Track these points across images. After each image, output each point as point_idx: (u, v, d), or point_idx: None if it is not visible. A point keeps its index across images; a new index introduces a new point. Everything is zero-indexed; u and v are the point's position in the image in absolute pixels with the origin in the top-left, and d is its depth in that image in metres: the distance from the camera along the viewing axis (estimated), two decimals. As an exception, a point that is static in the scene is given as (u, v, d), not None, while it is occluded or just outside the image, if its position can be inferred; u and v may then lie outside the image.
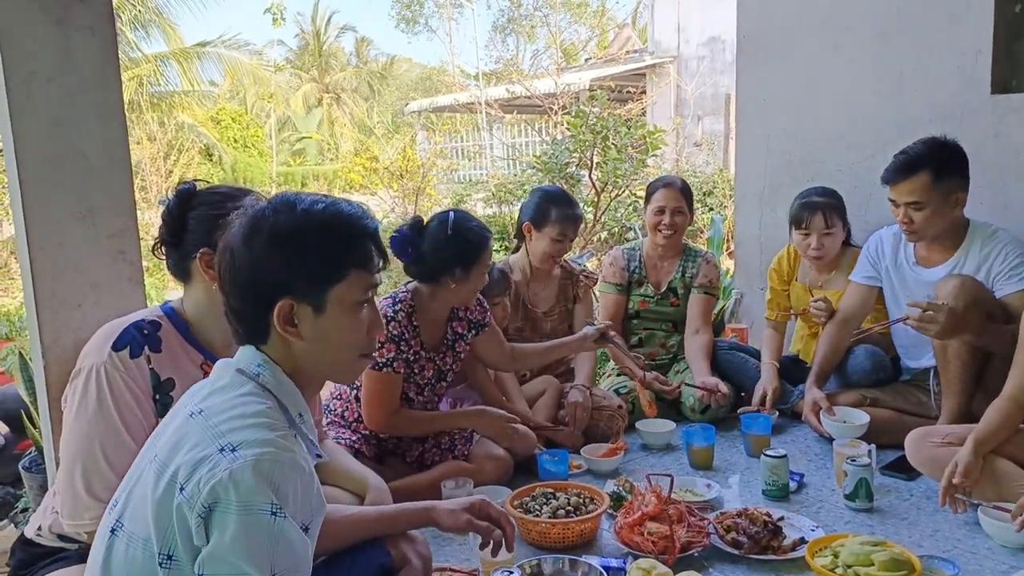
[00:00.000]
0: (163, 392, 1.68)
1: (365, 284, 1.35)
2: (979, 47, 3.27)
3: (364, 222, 1.36)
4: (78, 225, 2.23)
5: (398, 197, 9.61)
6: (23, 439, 3.37)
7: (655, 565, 2.04)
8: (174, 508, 1.16)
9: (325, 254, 1.31)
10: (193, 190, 1.74)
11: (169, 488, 1.17)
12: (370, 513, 1.74)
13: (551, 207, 3.24)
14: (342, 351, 1.37)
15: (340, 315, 1.33)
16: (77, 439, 1.61)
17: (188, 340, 1.75)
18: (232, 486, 1.14)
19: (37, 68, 2.13)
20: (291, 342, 1.32)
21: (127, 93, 12.79)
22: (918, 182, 2.74)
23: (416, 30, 25.09)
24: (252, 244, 1.29)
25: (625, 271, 3.67)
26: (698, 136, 13.36)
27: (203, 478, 1.14)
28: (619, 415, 3.19)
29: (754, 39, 4.06)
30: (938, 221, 2.79)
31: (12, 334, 6.46)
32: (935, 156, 2.76)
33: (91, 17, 2.22)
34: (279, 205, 1.32)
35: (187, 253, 1.71)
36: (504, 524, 1.71)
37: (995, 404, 2.45)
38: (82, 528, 1.62)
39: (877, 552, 2.02)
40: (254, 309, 1.31)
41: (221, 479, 1.14)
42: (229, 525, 1.13)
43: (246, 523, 1.14)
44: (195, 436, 1.21)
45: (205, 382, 1.37)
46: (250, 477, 1.15)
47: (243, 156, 20.87)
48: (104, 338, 1.66)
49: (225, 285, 1.34)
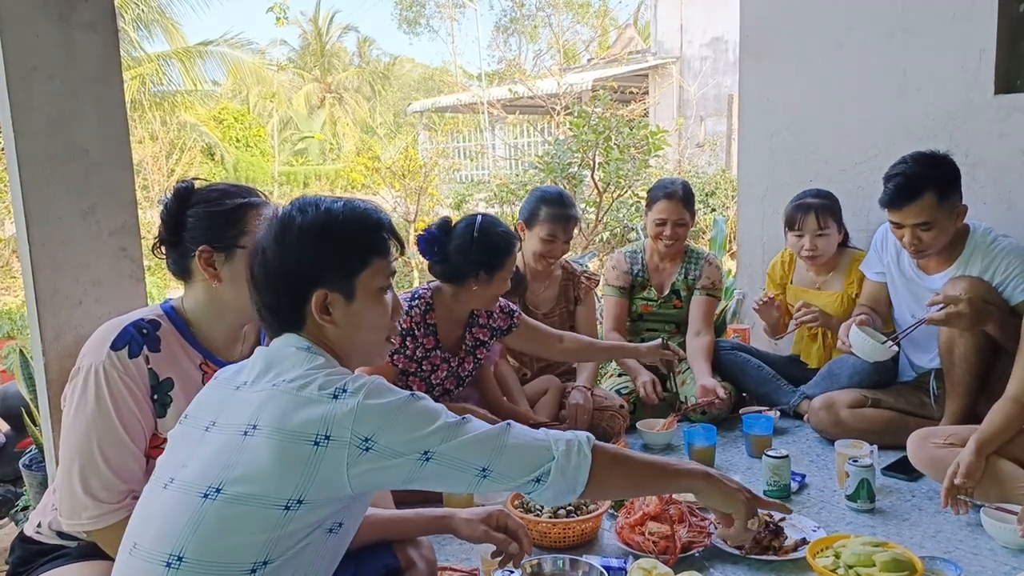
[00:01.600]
0: (162, 392, 1.67)
1: (386, 270, 1.49)
2: (983, 47, 3.26)
3: (379, 215, 1.50)
4: (79, 222, 2.23)
5: (400, 197, 9.60)
6: (24, 437, 3.38)
7: (656, 565, 2.04)
8: (318, 460, 1.24)
9: (351, 245, 1.44)
10: (191, 188, 1.73)
11: (298, 446, 1.24)
12: (385, 515, 1.75)
13: (541, 206, 3.23)
14: (371, 333, 1.50)
15: (367, 300, 1.46)
16: (76, 438, 1.61)
17: (187, 339, 1.74)
18: (368, 411, 1.27)
19: (39, 64, 2.13)
20: (325, 329, 1.43)
21: (130, 92, 12.78)
22: (925, 204, 2.68)
23: (418, 31, 25.12)
24: (284, 242, 1.41)
25: (628, 274, 3.66)
26: (701, 137, 13.35)
27: (341, 421, 1.25)
28: (620, 415, 3.18)
29: (757, 39, 4.05)
30: (944, 237, 2.77)
31: (14, 332, 6.47)
32: (936, 175, 2.71)
33: (93, 14, 2.23)
34: (303, 206, 1.45)
35: (186, 251, 1.70)
36: (521, 536, 1.75)
37: (998, 405, 2.44)
38: (80, 527, 1.62)
39: (879, 553, 2.01)
40: (290, 301, 1.42)
41: (359, 413, 1.26)
42: (396, 423, 1.28)
43: (405, 413, 1.29)
44: (297, 400, 1.28)
45: (244, 364, 1.43)
46: (375, 397, 1.29)
47: (245, 155, 20.86)
48: (103, 337, 1.65)
49: (259, 283, 1.44)
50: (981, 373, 2.74)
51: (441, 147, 13.58)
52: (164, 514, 1.29)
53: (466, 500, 2.43)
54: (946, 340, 2.78)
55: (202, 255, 1.68)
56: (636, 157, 8.07)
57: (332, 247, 1.42)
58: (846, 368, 3.21)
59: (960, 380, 2.77)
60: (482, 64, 20.25)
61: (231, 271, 1.69)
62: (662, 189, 3.56)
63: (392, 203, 9.72)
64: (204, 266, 1.68)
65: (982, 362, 2.73)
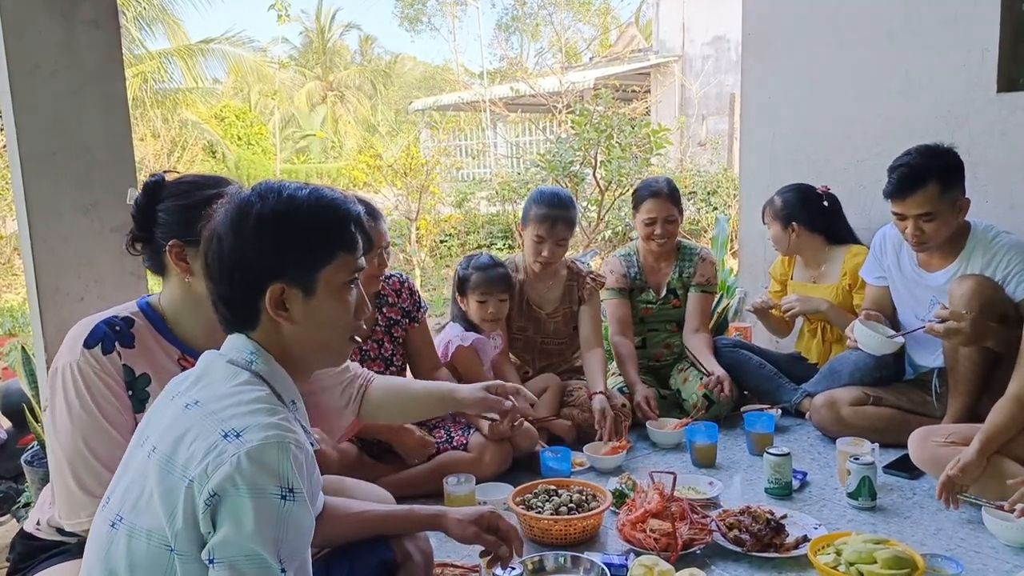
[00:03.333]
0: (138, 387, 1.66)
1: (352, 267, 1.38)
2: (985, 45, 3.25)
3: (348, 207, 1.39)
4: (81, 219, 2.23)
5: (402, 195, 9.61)
6: (26, 433, 3.38)
7: (657, 562, 2.04)
8: (181, 495, 1.16)
9: (313, 238, 1.33)
10: (161, 182, 1.70)
11: (177, 479, 1.17)
12: (378, 512, 1.74)
13: (532, 207, 3.22)
14: (332, 332, 1.39)
15: (329, 297, 1.35)
16: (63, 439, 1.60)
17: (164, 335, 1.72)
18: (239, 472, 1.13)
19: (41, 61, 2.14)
20: (282, 326, 1.34)
21: (131, 90, 12.77)
22: (928, 194, 2.69)
23: (419, 29, 25.12)
24: (240, 230, 1.30)
25: (625, 277, 3.64)
26: (702, 136, 13.35)
27: (210, 464, 1.14)
28: (623, 413, 3.18)
29: (759, 37, 4.05)
30: (945, 230, 2.77)
31: (16, 330, 6.48)
32: (939, 166, 2.72)
33: (95, 11, 2.23)
34: (264, 191, 1.33)
35: (159, 247, 1.67)
36: (512, 539, 1.72)
37: (1000, 404, 2.44)
38: (81, 526, 1.61)
39: (880, 550, 2.01)
40: (243, 295, 1.32)
41: (229, 464, 1.14)
42: (241, 510, 1.13)
43: (257, 507, 1.14)
44: (197, 426, 1.20)
45: (189, 372, 1.36)
46: (257, 462, 1.15)
47: (246, 153, 20.85)
48: (75, 336, 1.64)
49: (213, 272, 1.34)
50: (985, 373, 2.73)
51: (443, 145, 13.59)
52: (92, 539, 1.28)
53: (466, 499, 2.44)
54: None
55: (172, 249, 1.65)
56: (638, 155, 8.08)
57: (292, 238, 1.31)
58: (847, 365, 3.20)
59: (964, 378, 2.76)
60: (484, 62, 20.26)
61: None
62: (647, 188, 3.55)
63: (394, 201, 9.73)
64: (175, 260, 1.66)
65: (987, 362, 2.72)
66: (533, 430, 2.87)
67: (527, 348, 3.42)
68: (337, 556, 1.62)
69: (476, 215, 11.06)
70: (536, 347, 3.43)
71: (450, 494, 2.45)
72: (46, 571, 1.68)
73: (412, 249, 9.22)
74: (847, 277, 3.36)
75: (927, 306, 2.93)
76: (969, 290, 2.64)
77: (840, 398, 3.11)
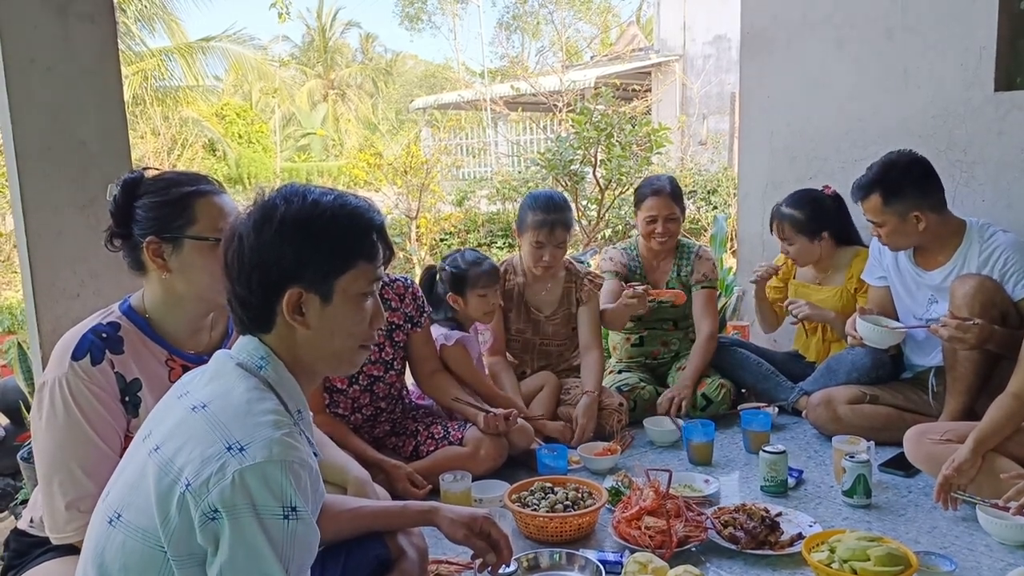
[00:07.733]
0: (131, 392, 1.65)
1: (370, 276, 1.37)
2: (983, 44, 3.25)
3: (371, 215, 1.38)
4: (78, 215, 2.23)
5: (402, 193, 9.61)
6: (22, 431, 3.38)
7: (652, 559, 2.04)
8: (175, 500, 1.15)
9: (335, 245, 1.32)
10: (139, 179, 1.69)
11: (174, 484, 1.16)
12: (371, 508, 1.74)
13: (528, 213, 3.21)
14: (345, 340, 1.38)
15: (345, 305, 1.34)
16: (50, 454, 1.59)
17: (149, 336, 1.71)
18: (241, 490, 1.13)
19: (37, 56, 2.14)
20: (296, 331, 1.33)
21: (132, 87, 12.79)
22: (869, 204, 2.84)
23: (419, 27, 25.11)
24: (262, 232, 1.30)
25: (625, 267, 3.64)
26: (703, 135, 13.34)
27: (212, 478, 1.14)
28: (619, 412, 3.18)
29: (758, 36, 4.05)
30: (901, 239, 2.83)
31: (15, 328, 6.46)
32: (883, 179, 2.80)
33: (91, 6, 2.23)
34: (289, 195, 1.33)
35: (137, 244, 1.66)
36: (502, 548, 1.72)
37: (998, 401, 2.43)
38: (68, 539, 1.60)
39: (874, 547, 2.01)
40: (261, 297, 1.31)
41: (230, 481, 1.13)
42: (248, 532, 1.13)
43: (264, 528, 1.14)
44: (200, 432, 1.20)
45: (201, 370, 1.36)
46: (259, 480, 1.14)
47: (247, 151, 20.87)
48: (63, 349, 1.62)
49: (232, 272, 1.33)
50: (984, 372, 2.73)
51: (443, 144, 13.59)
52: (89, 535, 1.28)
53: (462, 496, 2.44)
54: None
55: (149, 246, 1.64)
56: (638, 154, 8.08)
57: (314, 244, 1.30)
58: (844, 364, 3.20)
59: (962, 378, 2.76)
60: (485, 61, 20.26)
61: (179, 261, 1.66)
62: (649, 186, 3.55)
63: (394, 199, 9.73)
64: (152, 257, 1.65)
65: (986, 361, 2.71)
66: (529, 427, 2.87)
67: (525, 349, 3.42)
68: (332, 553, 1.62)
69: (476, 213, 11.06)
70: (535, 348, 3.43)
71: (446, 491, 2.45)
72: (40, 567, 1.68)
73: (412, 248, 9.22)
74: (853, 280, 3.34)
75: (925, 304, 2.94)
76: (971, 290, 2.63)
77: (837, 397, 3.11)
